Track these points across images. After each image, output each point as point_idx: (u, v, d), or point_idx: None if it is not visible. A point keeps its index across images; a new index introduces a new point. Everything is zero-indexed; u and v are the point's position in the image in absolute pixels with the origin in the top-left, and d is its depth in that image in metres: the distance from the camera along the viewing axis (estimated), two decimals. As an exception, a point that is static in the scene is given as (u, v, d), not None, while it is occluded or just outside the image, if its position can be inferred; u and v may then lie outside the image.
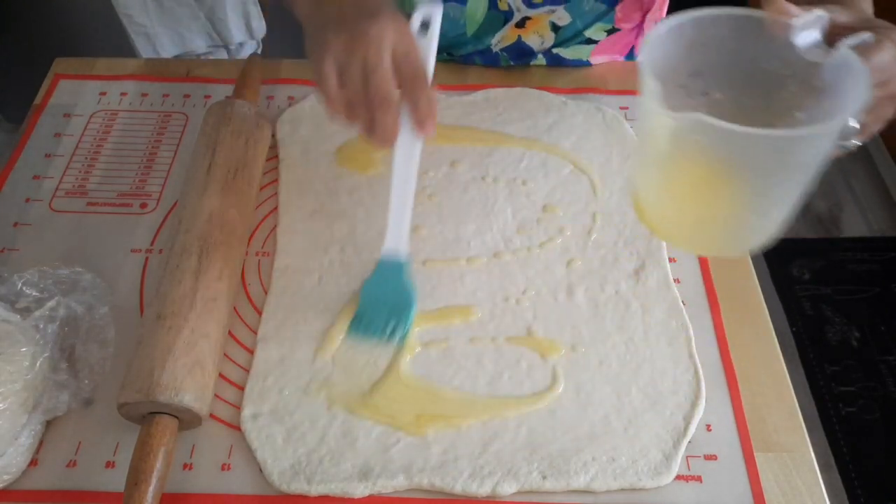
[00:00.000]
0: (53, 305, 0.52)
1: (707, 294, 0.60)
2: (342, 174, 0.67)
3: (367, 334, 0.55)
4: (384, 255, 0.55)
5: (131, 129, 0.71)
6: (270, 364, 0.55)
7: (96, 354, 0.53)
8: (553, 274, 0.60)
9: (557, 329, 0.57)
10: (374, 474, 0.49)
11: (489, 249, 0.62)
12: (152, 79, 0.76)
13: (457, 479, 0.49)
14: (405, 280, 0.56)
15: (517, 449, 0.51)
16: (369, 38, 0.46)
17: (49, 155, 0.69)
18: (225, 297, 0.54)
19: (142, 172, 0.68)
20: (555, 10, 0.72)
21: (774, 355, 0.57)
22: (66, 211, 0.65)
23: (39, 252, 0.61)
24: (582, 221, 0.64)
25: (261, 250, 0.62)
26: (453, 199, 0.65)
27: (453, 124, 0.71)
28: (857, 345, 1.60)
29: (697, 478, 0.50)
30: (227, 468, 0.50)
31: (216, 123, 0.62)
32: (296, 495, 0.49)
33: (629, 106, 0.73)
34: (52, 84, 0.75)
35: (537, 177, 0.67)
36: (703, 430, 0.52)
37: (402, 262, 0.55)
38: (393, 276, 0.55)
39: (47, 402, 0.49)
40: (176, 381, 0.48)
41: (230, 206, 0.58)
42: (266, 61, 0.75)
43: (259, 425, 0.51)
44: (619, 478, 0.49)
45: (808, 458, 0.51)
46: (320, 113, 0.72)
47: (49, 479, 0.50)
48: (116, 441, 0.51)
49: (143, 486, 0.45)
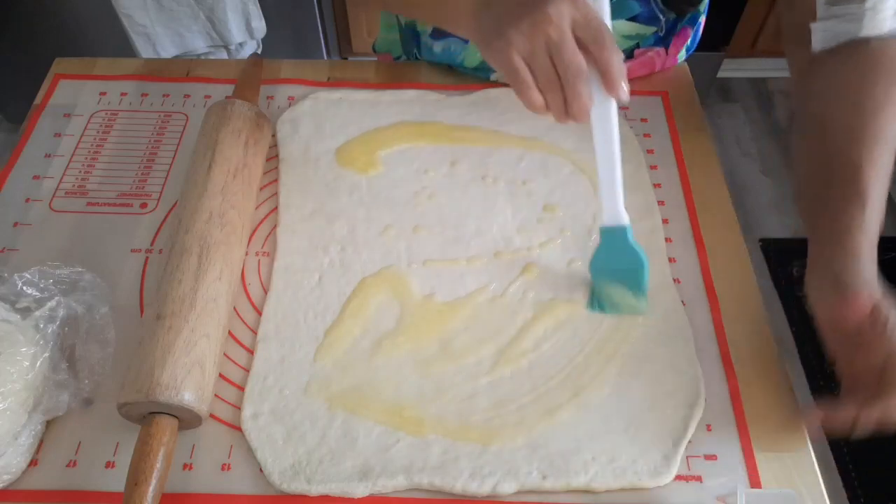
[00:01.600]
0: (53, 305, 0.52)
1: (707, 294, 0.60)
2: (342, 174, 0.67)
3: (608, 307, 0.57)
4: (605, 225, 0.56)
5: (131, 129, 0.71)
6: (270, 364, 0.55)
7: (96, 354, 0.53)
8: (553, 274, 0.60)
9: (558, 329, 0.57)
10: (375, 474, 0.49)
11: (489, 249, 0.62)
12: (152, 79, 0.76)
13: (457, 479, 0.49)
14: (631, 243, 0.56)
15: (517, 449, 0.51)
16: (548, 17, 0.46)
17: (49, 155, 0.69)
18: (225, 297, 0.54)
19: (142, 172, 0.68)
20: None
21: (774, 355, 0.57)
22: (66, 211, 0.65)
23: (39, 252, 0.61)
24: (582, 221, 0.64)
25: (261, 250, 0.62)
26: (453, 199, 0.65)
27: (453, 124, 0.71)
28: (857, 345, 1.59)
29: (697, 478, 0.50)
30: (227, 468, 0.50)
31: (216, 123, 0.62)
32: (296, 495, 0.49)
33: (629, 106, 0.73)
34: (52, 84, 0.75)
35: (537, 177, 0.67)
36: (703, 430, 0.52)
37: (626, 226, 0.55)
38: (618, 242, 0.56)
39: (47, 402, 0.49)
40: (176, 381, 0.48)
41: (230, 206, 0.58)
42: (266, 61, 0.75)
43: (259, 425, 0.51)
44: (619, 477, 0.49)
45: (808, 458, 0.52)
46: (320, 113, 0.72)
47: (49, 479, 0.50)
48: (116, 441, 0.51)
49: (143, 486, 0.45)
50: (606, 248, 0.57)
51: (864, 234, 0.52)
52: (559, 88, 0.47)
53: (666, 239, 0.63)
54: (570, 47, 0.46)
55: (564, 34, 0.46)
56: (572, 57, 0.46)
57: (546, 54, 0.46)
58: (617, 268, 0.57)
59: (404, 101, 0.73)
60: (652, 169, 0.68)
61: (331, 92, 0.74)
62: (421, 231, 0.63)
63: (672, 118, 0.73)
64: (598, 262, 0.58)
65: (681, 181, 0.68)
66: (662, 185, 0.67)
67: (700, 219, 0.65)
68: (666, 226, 0.64)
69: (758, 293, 0.61)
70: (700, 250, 0.63)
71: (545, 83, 0.47)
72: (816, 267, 0.54)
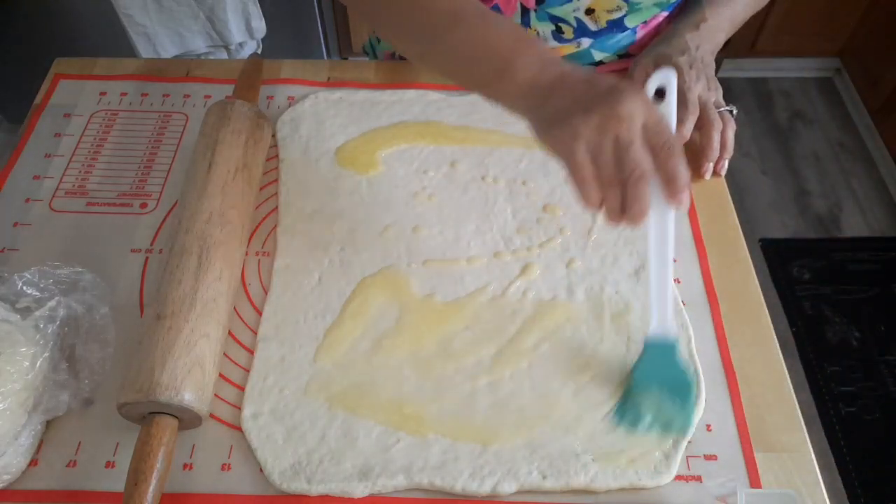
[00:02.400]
0: (53, 305, 0.52)
1: (707, 294, 0.60)
2: (342, 174, 0.67)
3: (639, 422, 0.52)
4: (651, 338, 0.53)
5: (131, 129, 0.71)
6: (270, 364, 0.55)
7: (96, 354, 0.53)
8: (553, 274, 0.60)
9: (557, 329, 0.57)
10: (375, 474, 0.49)
11: (489, 249, 0.62)
12: (152, 79, 0.76)
13: (457, 479, 0.49)
14: (678, 361, 0.53)
15: (517, 448, 0.51)
16: (620, 116, 0.44)
17: (49, 155, 0.69)
18: (225, 297, 0.54)
19: (142, 172, 0.68)
20: (581, 42, 0.73)
21: (774, 355, 0.57)
22: (66, 211, 0.65)
23: (39, 252, 0.61)
24: (582, 221, 0.64)
25: (261, 250, 0.62)
26: (453, 199, 0.65)
27: (453, 124, 0.71)
28: (857, 345, 1.60)
29: (697, 478, 0.50)
30: (227, 468, 0.50)
31: (216, 123, 0.62)
32: (296, 495, 0.49)
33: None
34: (52, 84, 0.75)
35: (537, 177, 0.67)
36: (703, 430, 0.52)
37: (673, 343, 0.53)
38: (664, 358, 0.53)
39: (47, 402, 0.49)
40: (176, 381, 0.48)
41: (230, 206, 0.58)
42: (266, 61, 0.75)
43: (259, 425, 0.51)
44: (619, 477, 0.49)
45: (808, 458, 0.51)
46: (320, 113, 0.72)
47: (49, 479, 0.50)
48: (116, 441, 0.51)
49: (143, 486, 0.45)
50: (651, 362, 0.54)
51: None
52: (619, 188, 0.45)
53: (666, 239, 0.63)
54: (637, 149, 0.44)
55: (635, 134, 0.44)
56: (638, 158, 0.44)
57: (613, 150, 0.45)
58: (662, 385, 0.53)
59: (404, 101, 0.74)
60: (652, 169, 0.68)
61: (331, 92, 0.74)
62: (421, 231, 0.63)
63: (672, 118, 0.73)
64: (641, 373, 0.54)
65: (681, 181, 0.68)
66: (662, 185, 0.67)
67: (700, 219, 0.65)
68: (666, 226, 0.64)
69: (758, 293, 0.61)
70: (700, 250, 0.63)
71: (607, 180, 0.45)
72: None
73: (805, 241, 1.81)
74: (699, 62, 0.67)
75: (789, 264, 1.75)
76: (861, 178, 1.97)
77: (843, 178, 1.97)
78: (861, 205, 1.91)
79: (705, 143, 0.66)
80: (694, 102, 0.65)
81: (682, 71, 0.65)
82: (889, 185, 1.94)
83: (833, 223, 1.86)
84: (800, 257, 1.77)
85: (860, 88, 2.05)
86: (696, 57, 0.67)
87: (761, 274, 1.70)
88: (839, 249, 1.79)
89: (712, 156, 0.67)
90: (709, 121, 0.66)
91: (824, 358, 1.58)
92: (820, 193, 1.93)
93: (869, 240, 1.82)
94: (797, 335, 1.62)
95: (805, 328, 1.63)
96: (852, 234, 1.84)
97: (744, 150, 2.01)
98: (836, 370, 1.55)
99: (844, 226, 1.86)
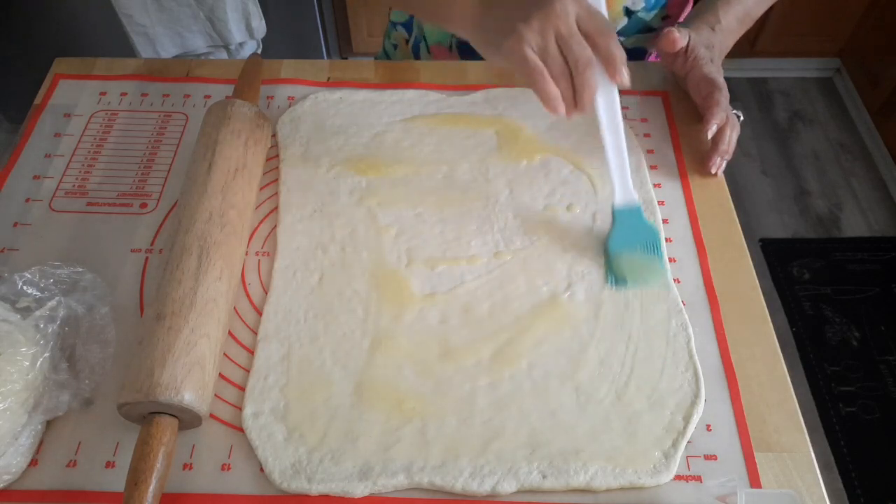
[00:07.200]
0: (54, 305, 0.52)
1: (707, 294, 0.60)
2: (342, 174, 0.67)
3: (626, 279, 0.59)
4: (618, 206, 0.60)
5: (131, 129, 0.72)
6: (271, 363, 0.55)
7: (96, 354, 0.53)
8: (553, 274, 0.60)
9: (557, 329, 0.57)
10: (375, 473, 0.49)
11: (489, 249, 0.62)
12: (152, 79, 0.76)
13: (457, 479, 0.49)
14: (644, 220, 0.61)
15: (517, 448, 0.51)
16: (557, 13, 0.50)
17: (49, 155, 0.69)
18: (225, 297, 0.54)
19: (142, 172, 0.68)
20: None
21: (774, 355, 0.57)
22: (66, 211, 0.65)
23: (39, 252, 0.61)
24: (582, 221, 0.64)
25: (261, 250, 0.62)
26: (453, 198, 0.65)
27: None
28: (857, 345, 1.60)
29: (697, 478, 0.50)
30: (228, 468, 0.50)
31: (216, 123, 0.62)
32: (296, 495, 0.49)
33: (629, 106, 0.74)
34: (52, 84, 0.75)
35: (537, 177, 0.67)
36: (702, 430, 0.52)
37: (638, 206, 0.61)
38: (631, 221, 0.60)
39: (47, 402, 0.49)
40: (176, 381, 0.48)
41: (230, 206, 0.58)
42: (266, 61, 0.75)
43: (260, 424, 0.51)
44: (619, 477, 0.49)
45: (808, 458, 0.51)
46: (320, 113, 0.72)
47: (49, 479, 0.50)
48: (116, 441, 0.51)
49: (143, 486, 0.45)
50: (621, 228, 0.60)
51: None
52: (570, 78, 0.51)
53: (666, 239, 0.63)
54: (578, 39, 0.50)
55: (572, 28, 0.50)
56: (580, 47, 0.50)
57: (556, 47, 0.50)
58: (633, 244, 0.60)
59: (404, 101, 0.74)
60: (652, 169, 0.69)
61: (331, 92, 0.74)
62: (421, 231, 0.63)
63: (672, 118, 0.73)
64: (614, 241, 0.60)
65: (681, 181, 0.68)
66: (662, 185, 0.68)
67: (700, 219, 0.65)
68: (666, 225, 0.64)
69: (758, 293, 0.61)
70: (700, 250, 0.63)
71: (557, 74, 0.51)
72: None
73: (805, 241, 1.82)
74: (718, 59, 0.70)
75: (789, 264, 1.75)
76: (861, 178, 1.97)
77: (843, 178, 1.97)
78: (861, 205, 1.91)
79: (719, 139, 0.67)
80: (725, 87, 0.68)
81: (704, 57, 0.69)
82: (889, 185, 1.94)
83: (833, 223, 1.86)
84: (800, 257, 1.77)
85: (860, 88, 2.06)
86: (716, 54, 0.70)
87: (761, 274, 1.70)
88: (839, 249, 1.79)
89: (725, 153, 0.68)
90: (727, 119, 0.67)
91: (824, 358, 1.58)
92: (820, 193, 1.93)
93: (869, 240, 1.82)
94: (797, 335, 1.62)
95: (805, 328, 1.63)
96: (852, 234, 1.84)
97: (744, 150, 2.01)
98: (836, 370, 1.56)
99: (844, 226, 1.86)
